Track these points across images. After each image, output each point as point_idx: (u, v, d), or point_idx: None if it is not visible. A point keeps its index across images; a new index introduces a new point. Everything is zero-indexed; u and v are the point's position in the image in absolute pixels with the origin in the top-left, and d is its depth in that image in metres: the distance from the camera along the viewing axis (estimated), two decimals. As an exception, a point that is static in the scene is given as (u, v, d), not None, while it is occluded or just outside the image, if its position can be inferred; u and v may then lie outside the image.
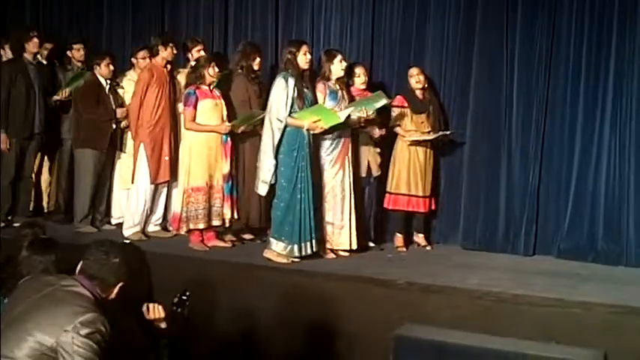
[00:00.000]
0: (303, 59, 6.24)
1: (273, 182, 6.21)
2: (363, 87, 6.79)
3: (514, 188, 6.86)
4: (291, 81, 6.16)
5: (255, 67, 6.87)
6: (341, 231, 6.40)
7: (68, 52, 7.83)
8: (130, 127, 7.05)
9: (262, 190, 6.31)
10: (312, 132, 6.18)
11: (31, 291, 2.90)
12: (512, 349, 4.65)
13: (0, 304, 3.31)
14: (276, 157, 6.16)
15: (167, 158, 6.89)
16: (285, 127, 6.14)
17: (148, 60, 7.19)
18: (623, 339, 4.70)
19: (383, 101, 6.51)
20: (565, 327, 4.85)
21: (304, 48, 6.28)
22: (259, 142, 6.38)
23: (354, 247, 6.44)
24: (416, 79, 6.90)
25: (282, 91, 6.15)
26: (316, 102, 6.36)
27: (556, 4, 6.68)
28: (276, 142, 6.14)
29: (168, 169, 6.93)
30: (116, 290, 2.97)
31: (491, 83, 6.95)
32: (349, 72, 6.73)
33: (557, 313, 4.97)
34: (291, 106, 6.15)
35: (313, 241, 6.17)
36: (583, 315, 4.89)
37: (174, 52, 7.02)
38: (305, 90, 6.26)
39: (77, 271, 2.98)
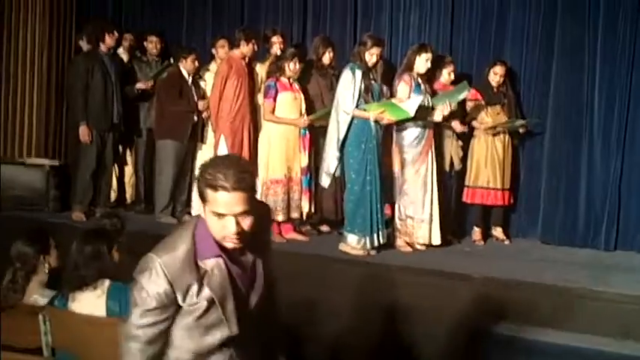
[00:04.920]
0: (369, 57, 6.17)
1: (337, 175, 6.26)
2: (449, 83, 6.76)
3: (595, 181, 6.76)
4: (359, 73, 6.15)
5: (326, 62, 6.90)
6: (421, 225, 6.38)
7: (144, 44, 7.99)
8: (211, 118, 7.12)
9: (325, 182, 6.37)
10: (380, 123, 6.17)
11: None
12: (590, 346, 4.62)
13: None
14: (342, 150, 6.19)
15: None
16: (352, 120, 6.14)
17: (226, 48, 7.29)
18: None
19: (465, 92, 6.51)
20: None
21: (374, 50, 6.16)
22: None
23: (436, 242, 6.41)
24: (497, 77, 6.84)
25: (349, 83, 6.16)
26: (384, 95, 6.36)
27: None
28: (342, 135, 6.16)
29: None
30: None
31: (573, 75, 6.84)
32: (438, 65, 6.70)
33: (636, 310, 4.88)
34: (358, 99, 6.14)
35: (382, 232, 6.22)
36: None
37: (256, 48, 7.03)
38: (373, 83, 6.26)
39: None
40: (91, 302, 3.36)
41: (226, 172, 2.31)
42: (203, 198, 2.37)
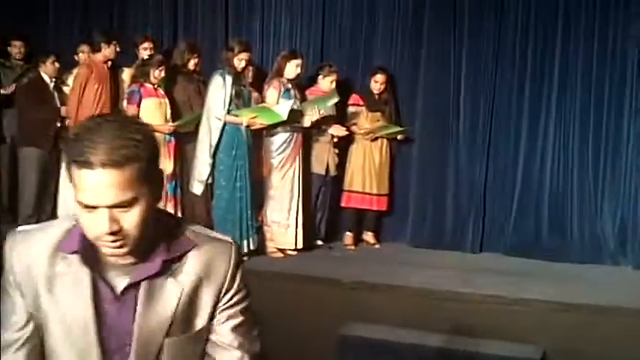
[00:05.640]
0: (238, 62, 6.16)
1: (210, 181, 6.19)
2: (328, 89, 6.73)
3: (462, 185, 6.96)
4: (229, 78, 6.13)
5: (191, 67, 6.80)
6: (287, 230, 6.39)
7: (8, 49, 7.65)
8: (69, 123, 6.82)
9: (197, 189, 6.29)
10: (251, 127, 6.17)
11: None
12: (455, 347, 4.69)
13: None
14: (214, 157, 6.13)
15: None
16: (224, 126, 6.11)
17: (88, 53, 7.09)
18: (562, 335, 4.77)
19: (334, 100, 6.54)
20: (506, 324, 4.90)
21: (243, 55, 6.16)
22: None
23: (300, 246, 6.43)
24: (378, 85, 6.91)
25: (219, 89, 6.13)
26: (253, 100, 6.34)
27: (502, 6, 6.77)
28: (214, 142, 6.12)
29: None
30: None
31: (440, 80, 7.01)
32: (321, 72, 6.73)
33: (498, 310, 5.02)
34: (229, 104, 6.12)
35: (253, 238, 6.20)
36: (523, 312, 4.95)
37: (118, 50, 6.83)
38: (242, 88, 6.24)
39: None
40: None
41: (98, 140, 1.54)
42: (71, 179, 1.60)
